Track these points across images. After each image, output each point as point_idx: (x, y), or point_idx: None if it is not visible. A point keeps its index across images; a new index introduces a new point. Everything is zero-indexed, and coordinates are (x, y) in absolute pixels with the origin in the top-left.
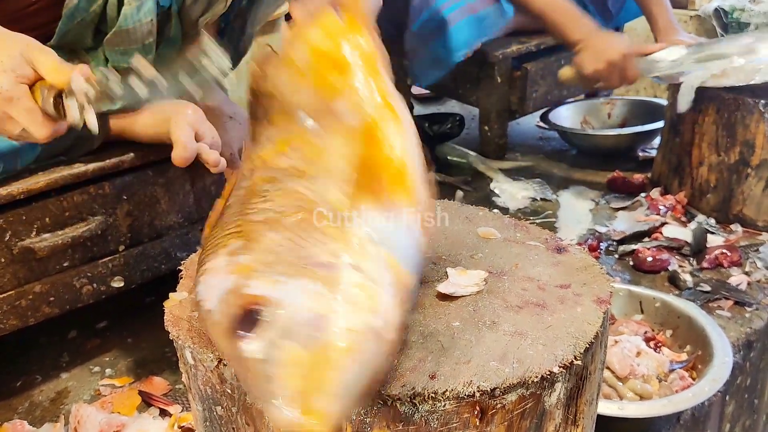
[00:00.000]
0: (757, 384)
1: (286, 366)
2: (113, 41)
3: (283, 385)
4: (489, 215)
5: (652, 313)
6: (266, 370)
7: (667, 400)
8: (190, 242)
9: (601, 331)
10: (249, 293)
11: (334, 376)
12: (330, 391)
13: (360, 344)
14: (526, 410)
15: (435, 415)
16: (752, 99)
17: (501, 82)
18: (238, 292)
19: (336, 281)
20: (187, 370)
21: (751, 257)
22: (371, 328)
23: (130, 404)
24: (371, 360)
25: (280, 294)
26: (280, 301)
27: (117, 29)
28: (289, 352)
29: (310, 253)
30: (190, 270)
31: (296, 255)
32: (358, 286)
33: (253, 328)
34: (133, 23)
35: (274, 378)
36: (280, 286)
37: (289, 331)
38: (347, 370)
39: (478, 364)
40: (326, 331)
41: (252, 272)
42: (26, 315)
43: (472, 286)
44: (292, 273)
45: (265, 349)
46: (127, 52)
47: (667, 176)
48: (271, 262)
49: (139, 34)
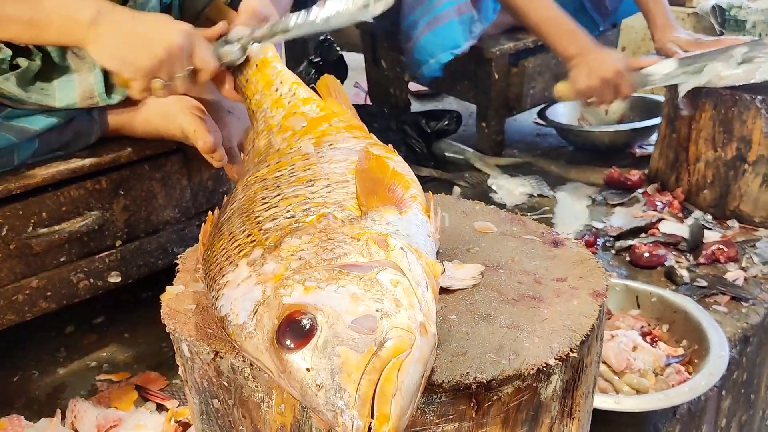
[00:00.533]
0: (754, 379)
1: (344, 372)
2: None
3: (345, 392)
4: (486, 209)
5: (648, 307)
6: (321, 379)
7: (664, 394)
8: (187, 238)
9: (597, 323)
10: (286, 303)
11: (394, 378)
12: (393, 393)
13: (411, 341)
14: (522, 402)
15: (431, 407)
16: (749, 95)
17: (498, 78)
18: (272, 303)
19: (371, 281)
20: (183, 363)
21: (748, 253)
22: (417, 323)
23: (127, 399)
24: (423, 355)
25: (319, 300)
26: (320, 308)
27: None
28: (344, 358)
29: (337, 255)
30: (187, 263)
31: (324, 258)
32: (394, 282)
33: (298, 338)
34: None
35: (332, 386)
36: (316, 291)
37: (339, 336)
38: (405, 369)
39: (474, 357)
40: (376, 333)
41: (283, 281)
42: (23, 310)
43: (469, 279)
44: (325, 277)
45: (318, 358)
46: None
47: (664, 172)
48: (300, 268)
49: None
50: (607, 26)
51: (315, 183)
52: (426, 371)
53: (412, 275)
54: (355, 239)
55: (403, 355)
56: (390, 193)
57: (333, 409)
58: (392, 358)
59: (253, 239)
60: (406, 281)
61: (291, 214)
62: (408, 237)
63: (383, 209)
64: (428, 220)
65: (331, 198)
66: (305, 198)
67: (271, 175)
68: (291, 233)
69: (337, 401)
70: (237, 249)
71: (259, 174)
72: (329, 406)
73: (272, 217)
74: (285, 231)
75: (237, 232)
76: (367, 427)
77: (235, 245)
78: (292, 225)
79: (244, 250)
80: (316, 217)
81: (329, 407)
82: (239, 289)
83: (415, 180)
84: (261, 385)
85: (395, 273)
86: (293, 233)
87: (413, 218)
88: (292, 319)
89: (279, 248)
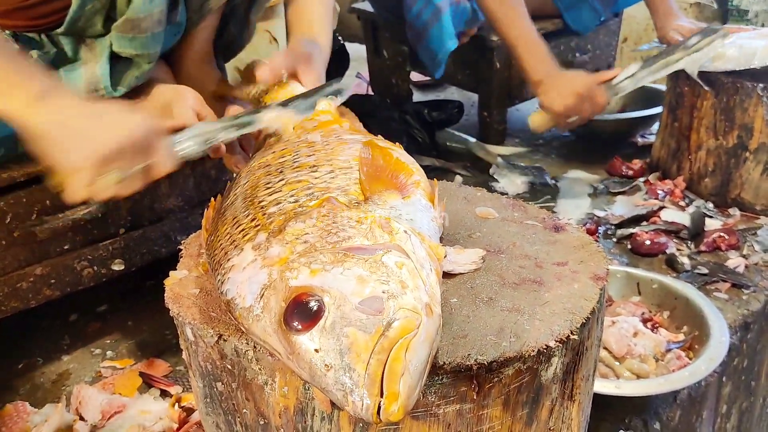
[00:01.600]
0: (755, 366)
1: (352, 352)
2: (122, 28)
3: (354, 371)
4: (487, 196)
5: (649, 294)
6: (330, 359)
7: (664, 378)
8: (190, 226)
9: (598, 307)
10: (293, 285)
11: (402, 357)
12: (401, 372)
13: (417, 321)
14: (522, 384)
15: (433, 389)
16: (751, 83)
17: (500, 68)
18: (279, 286)
19: (376, 263)
20: (187, 347)
21: (749, 240)
22: (423, 304)
23: (131, 385)
24: (429, 335)
25: (325, 282)
26: (327, 290)
27: (127, 17)
28: (353, 339)
29: (342, 238)
30: (190, 249)
31: (329, 241)
32: (399, 264)
33: (306, 320)
34: (144, 13)
35: (341, 366)
36: (322, 274)
37: (347, 318)
38: (413, 349)
39: (475, 339)
40: (383, 313)
41: (288, 264)
42: (27, 297)
43: (470, 264)
44: (330, 260)
45: (326, 339)
46: (135, 39)
47: (665, 161)
48: (305, 251)
49: (149, 23)
50: (608, 15)
51: (319, 169)
52: (432, 351)
53: (416, 257)
54: (359, 223)
55: (411, 335)
56: (393, 179)
57: (342, 388)
58: (400, 338)
59: (257, 224)
60: (410, 263)
61: (294, 199)
62: (411, 221)
63: (386, 194)
64: (432, 205)
65: (334, 183)
66: (308, 183)
67: (275, 161)
68: (295, 217)
69: (347, 381)
70: (241, 233)
71: (263, 160)
72: (338, 386)
73: (276, 202)
74: (289, 215)
75: (241, 217)
76: (376, 406)
77: (240, 230)
78: (295, 209)
79: (249, 235)
80: (320, 202)
81: (338, 387)
82: (245, 272)
83: (419, 169)
84: (264, 368)
85: (400, 255)
86: (297, 217)
87: (416, 203)
88: (300, 301)
89: (284, 232)
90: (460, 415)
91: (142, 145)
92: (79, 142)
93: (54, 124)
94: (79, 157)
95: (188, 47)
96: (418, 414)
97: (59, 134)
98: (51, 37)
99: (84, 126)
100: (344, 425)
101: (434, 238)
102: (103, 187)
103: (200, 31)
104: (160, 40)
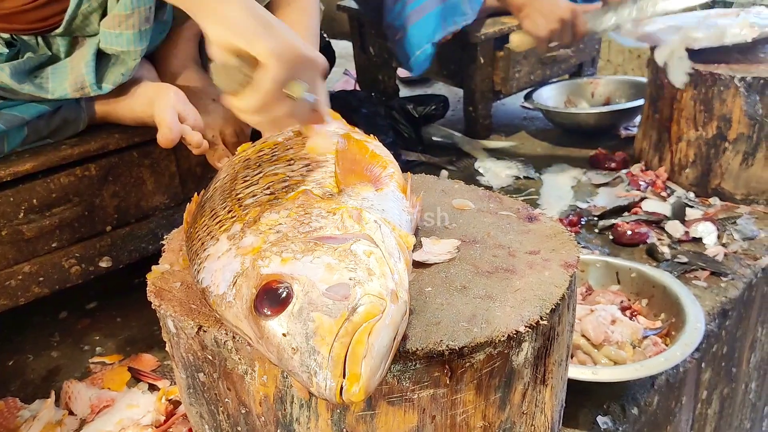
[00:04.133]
0: (734, 353)
1: (317, 336)
2: (109, 24)
3: (318, 354)
4: (464, 188)
5: (628, 283)
6: (296, 342)
7: (640, 364)
8: (177, 223)
9: (568, 293)
10: (264, 273)
11: (365, 341)
12: (364, 356)
13: (382, 307)
14: (494, 369)
15: (407, 374)
16: (728, 74)
17: (484, 62)
18: (250, 274)
19: (345, 251)
20: (170, 339)
21: (729, 229)
22: (389, 290)
23: (119, 380)
24: (394, 320)
25: (295, 270)
26: (296, 277)
27: (114, 13)
28: (318, 323)
29: (314, 228)
30: (173, 243)
31: (301, 231)
32: (367, 253)
33: (275, 305)
34: (131, 9)
35: (307, 349)
36: (292, 262)
37: (314, 303)
38: (376, 333)
39: (447, 326)
40: (349, 299)
41: (260, 252)
42: (16, 295)
43: (445, 254)
44: (301, 249)
45: (293, 323)
46: (122, 35)
47: (647, 152)
48: (277, 241)
49: (136, 19)
50: None
51: (295, 162)
52: (398, 336)
53: (385, 246)
54: (331, 213)
55: (375, 319)
56: (367, 172)
57: (308, 370)
58: (364, 323)
59: (233, 215)
60: (379, 252)
61: (270, 191)
62: (383, 211)
63: (360, 186)
64: (405, 197)
65: (310, 176)
66: (285, 176)
67: (254, 155)
68: (270, 209)
69: (311, 363)
70: (218, 224)
71: (243, 154)
72: (304, 368)
73: (252, 194)
74: (264, 207)
75: (218, 208)
76: (339, 387)
77: (216, 221)
78: (271, 201)
79: (225, 226)
80: (296, 194)
81: (304, 369)
82: (219, 261)
83: (394, 161)
84: (244, 358)
85: (369, 244)
86: (272, 208)
87: (389, 194)
88: (269, 287)
89: (258, 223)
90: (434, 399)
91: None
92: (283, 37)
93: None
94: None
95: (173, 45)
96: (393, 399)
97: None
98: (46, 38)
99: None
100: (322, 411)
101: (405, 227)
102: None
103: (186, 30)
104: (146, 38)
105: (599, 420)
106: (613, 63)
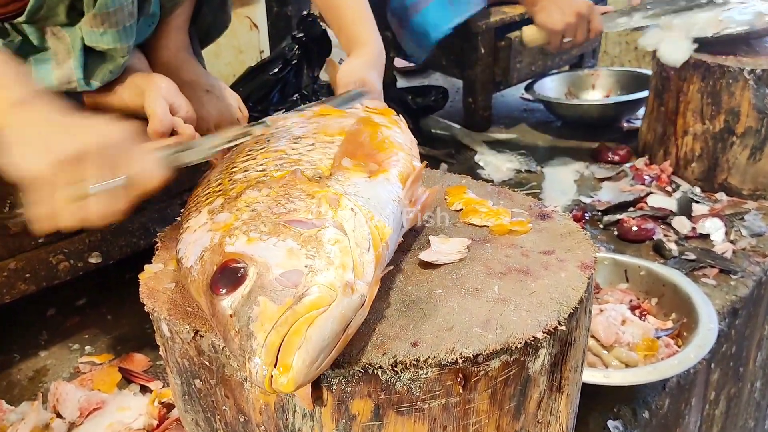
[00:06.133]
0: (743, 352)
1: (258, 321)
2: (92, 23)
3: (255, 339)
4: (472, 183)
5: (637, 281)
6: (239, 325)
7: (653, 367)
8: (169, 217)
9: (586, 296)
10: (226, 251)
11: (303, 331)
12: (298, 345)
13: (331, 299)
14: (509, 377)
15: (417, 383)
16: (737, 66)
17: (484, 53)
18: (216, 250)
19: (310, 237)
20: (164, 343)
21: (736, 225)
22: (343, 282)
23: (110, 381)
24: (343, 314)
25: (257, 251)
26: (255, 259)
27: (97, 11)
28: (263, 308)
29: (288, 210)
30: (166, 242)
31: (275, 212)
32: (333, 241)
33: (230, 285)
34: (114, 6)
35: (246, 333)
36: (257, 243)
37: (264, 287)
38: (317, 325)
39: (460, 331)
40: (299, 287)
41: (231, 230)
42: (1, 292)
43: (455, 253)
44: (269, 230)
45: (241, 305)
46: (106, 33)
47: (652, 146)
48: (250, 219)
49: (120, 16)
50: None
51: (301, 140)
52: (350, 330)
53: (355, 236)
54: (310, 196)
55: (319, 311)
56: (368, 158)
57: (243, 355)
58: (306, 313)
59: (221, 189)
60: (345, 241)
61: (262, 168)
62: (367, 199)
63: (353, 171)
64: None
65: (308, 156)
66: (283, 153)
67: (269, 132)
68: (255, 186)
69: (247, 348)
70: (206, 197)
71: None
72: (241, 351)
73: (244, 169)
74: (250, 183)
75: (212, 180)
76: (269, 376)
77: (206, 193)
78: (259, 178)
79: (210, 199)
80: (283, 173)
81: (241, 353)
82: (195, 234)
83: (410, 151)
84: None
85: (337, 233)
86: (257, 186)
87: (382, 182)
88: (227, 266)
89: (238, 199)
90: (446, 409)
91: (114, 153)
92: (39, 145)
93: (22, 130)
94: (35, 161)
95: (163, 36)
96: (403, 409)
97: (22, 139)
98: (15, 25)
99: (49, 131)
100: (326, 421)
101: (391, 218)
102: (68, 202)
103: (174, 19)
104: (132, 33)
105: (610, 424)
106: (610, 54)
